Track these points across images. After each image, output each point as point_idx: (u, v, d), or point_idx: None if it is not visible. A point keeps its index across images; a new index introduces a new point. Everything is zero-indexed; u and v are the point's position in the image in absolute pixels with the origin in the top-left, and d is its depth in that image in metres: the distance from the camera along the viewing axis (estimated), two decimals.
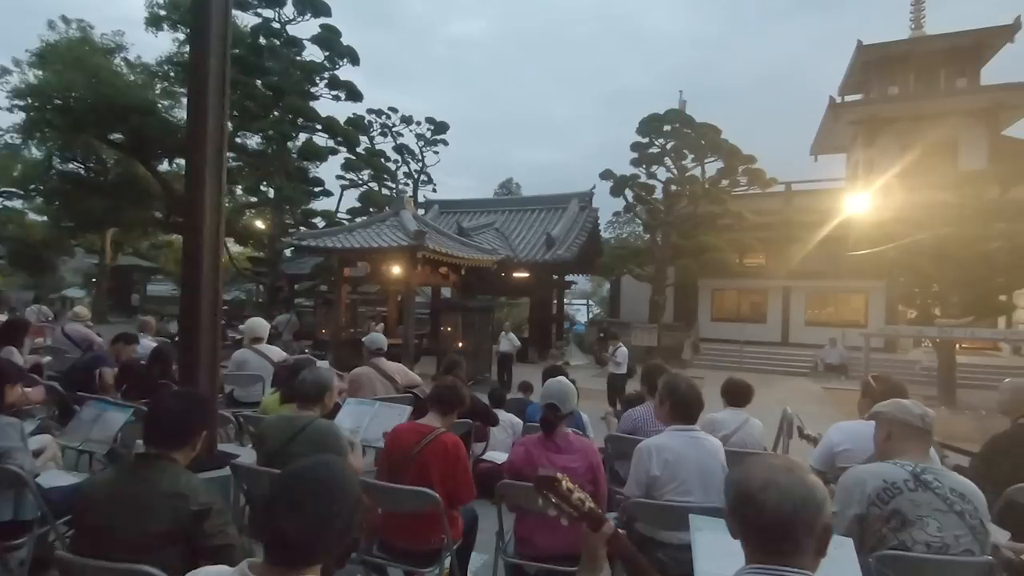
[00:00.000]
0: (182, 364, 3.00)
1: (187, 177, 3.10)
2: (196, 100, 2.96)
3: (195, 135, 2.97)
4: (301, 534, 1.05)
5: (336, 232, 13.49)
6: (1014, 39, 19.00)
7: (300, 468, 1.15)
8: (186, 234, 3.10)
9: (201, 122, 2.96)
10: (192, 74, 3.01)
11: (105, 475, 1.79)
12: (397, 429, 2.61)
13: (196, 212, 2.98)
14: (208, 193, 2.99)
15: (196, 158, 2.99)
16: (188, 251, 3.05)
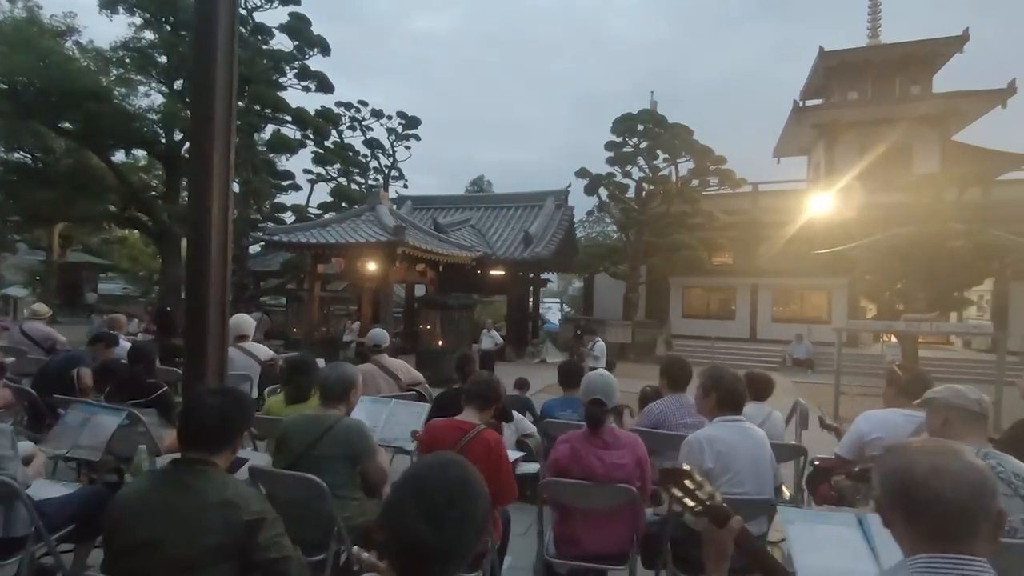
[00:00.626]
0: (190, 361, 2.77)
1: (193, 170, 2.88)
2: (203, 89, 2.76)
3: (202, 128, 2.76)
4: (443, 542, 0.93)
5: (309, 227, 13.07)
6: (963, 49, 20.08)
7: (430, 470, 1.02)
8: (193, 228, 2.88)
9: (209, 114, 2.76)
10: (198, 64, 2.80)
11: (139, 485, 1.59)
12: (435, 426, 2.47)
13: (204, 205, 2.77)
14: (216, 185, 2.79)
15: (204, 150, 2.77)
16: (195, 245, 2.83)
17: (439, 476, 1.00)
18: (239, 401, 1.72)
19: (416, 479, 1.00)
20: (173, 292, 17.67)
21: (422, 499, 0.96)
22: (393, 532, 0.98)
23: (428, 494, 0.97)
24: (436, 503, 0.96)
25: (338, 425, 2.51)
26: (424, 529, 0.94)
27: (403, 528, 0.95)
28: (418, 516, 0.95)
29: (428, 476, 1.00)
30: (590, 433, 2.45)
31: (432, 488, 0.98)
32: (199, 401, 1.67)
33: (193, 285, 2.84)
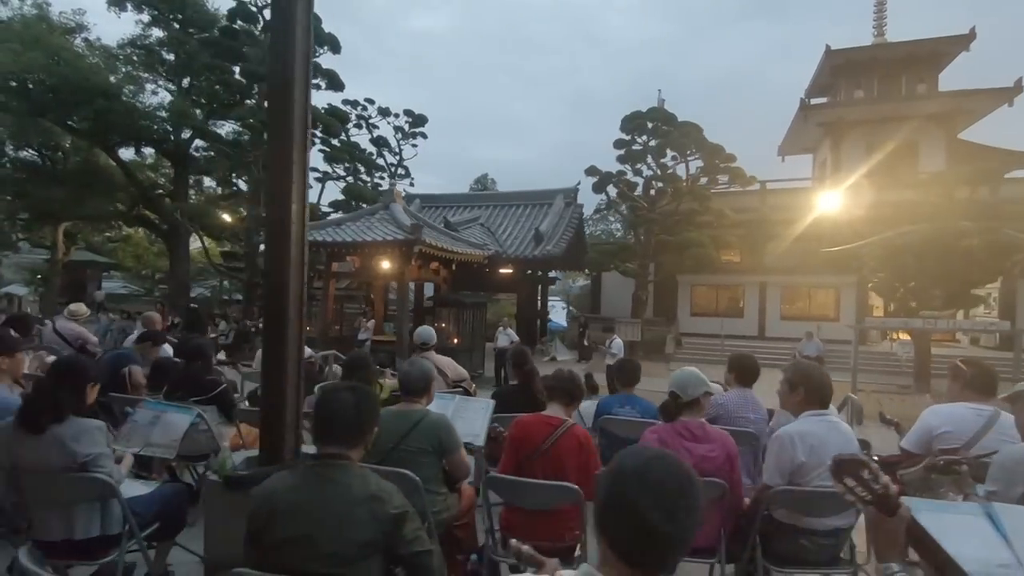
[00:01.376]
0: (270, 358, 2.77)
1: (271, 169, 2.89)
2: (281, 88, 2.75)
3: (281, 125, 2.75)
4: (676, 531, 0.95)
5: (324, 225, 13.04)
6: (969, 48, 20.15)
7: (655, 462, 1.02)
8: (271, 227, 2.88)
9: (288, 112, 2.75)
10: (274, 61, 2.80)
11: (282, 481, 1.59)
12: (524, 421, 2.48)
13: (282, 204, 2.77)
14: (296, 184, 2.79)
15: (282, 148, 2.77)
16: (274, 243, 2.83)
17: (666, 468, 1.01)
18: (370, 396, 1.73)
19: (641, 471, 1.01)
20: (181, 290, 17.64)
21: (653, 491, 0.97)
22: (623, 523, 0.99)
23: (659, 485, 0.98)
24: (667, 493, 0.97)
25: (425, 420, 2.52)
26: (657, 518, 0.95)
27: (637, 519, 0.96)
28: (651, 507, 0.96)
29: (654, 468, 1.01)
30: (681, 426, 2.46)
31: (661, 479, 0.99)
32: (333, 397, 1.68)
33: (274, 283, 2.84)
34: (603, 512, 1.02)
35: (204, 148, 17.24)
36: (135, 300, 23.90)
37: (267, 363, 2.85)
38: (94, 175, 15.64)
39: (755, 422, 3.51)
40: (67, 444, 2.13)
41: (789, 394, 2.54)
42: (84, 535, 2.20)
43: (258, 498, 1.56)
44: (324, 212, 16.04)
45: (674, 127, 17.57)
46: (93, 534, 2.22)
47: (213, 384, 3.63)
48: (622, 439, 3.52)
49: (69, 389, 2.22)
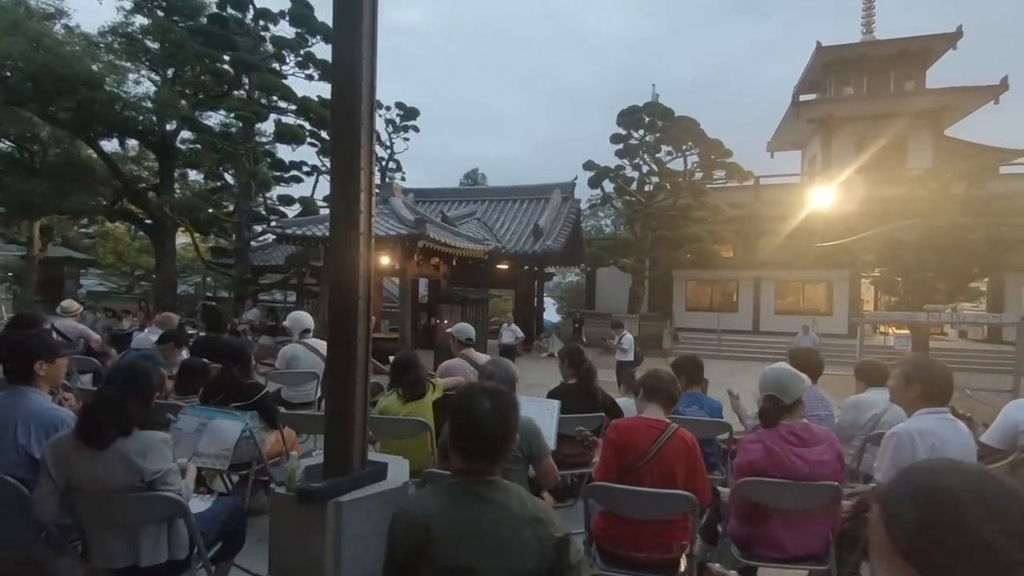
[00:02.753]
0: (336, 363, 2.55)
1: (336, 165, 2.69)
2: (346, 81, 2.55)
3: (346, 122, 2.55)
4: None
5: (322, 220, 12.68)
6: (956, 46, 20.49)
7: (989, 483, 0.85)
8: (336, 227, 2.70)
9: (355, 108, 2.55)
10: (340, 64, 2.60)
11: (431, 502, 1.39)
12: (625, 425, 2.31)
13: (349, 206, 2.58)
14: (363, 181, 2.61)
15: (349, 144, 2.57)
16: (341, 241, 2.65)
17: (1003, 489, 0.83)
18: (512, 403, 1.53)
19: (979, 493, 0.83)
20: (168, 287, 17.07)
21: (1000, 517, 0.81)
22: (965, 555, 0.82)
23: (1004, 511, 0.81)
24: (1014, 519, 0.81)
25: (524, 424, 2.33)
26: (1009, 546, 0.79)
27: (985, 552, 0.79)
28: (1000, 534, 0.79)
29: (992, 489, 0.83)
30: (786, 431, 2.31)
31: (1005, 503, 0.82)
32: (474, 405, 1.47)
33: (341, 285, 2.64)
34: (923, 540, 0.84)
35: (191, 140, 16.66)
36: (116, 298, 23.12)
37: (334, 368, 2.64)
38: (75, 168, 14.98)
39: (826, 419, 3.40)
40: (133, 460, 1.90)
41: (904, 389, 2.40)
42: (151, 561, 1.97)
43: (405, 521, 1.36)
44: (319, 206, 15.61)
45: (672, 122, 17.55)
46: (161, 559, 1.99)
47: (254, 388, 3.38)
48: None
49: (136, 398, 1.98)
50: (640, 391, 2.49)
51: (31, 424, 2.12)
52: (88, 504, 1.94)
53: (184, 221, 13.92)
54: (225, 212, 16.14)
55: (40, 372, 2.24)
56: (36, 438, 2.11)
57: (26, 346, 2.24)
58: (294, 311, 5.36)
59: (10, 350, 2.23)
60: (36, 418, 2.14)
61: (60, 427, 2.14)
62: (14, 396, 2.19)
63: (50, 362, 2.27)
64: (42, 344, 2.28)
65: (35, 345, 2.26)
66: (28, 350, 2.23)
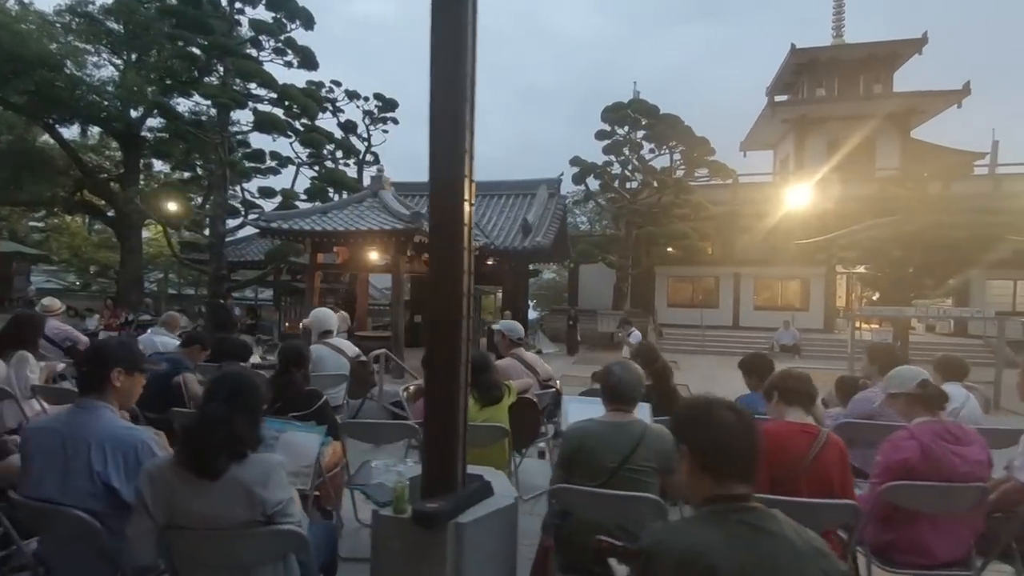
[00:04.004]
0: (438, 369, 2.30)
1: (434, 161, 2.47)
2: (445, 67, 2.33)
3: (447, 108, 2.33)
4: None
5: (308, 213, 12.15)
6: (922, 51, 21.34)
7: None
8: (437, 223, 2.47)
9: (458, 92, 2.34)
10: (441, 56, 2.38)
11: (706, 536, 1.16)
12: (775, 431, 2.13)
13: (452, 202, 2.38)
14: (468, 172, 2.40)
15: (450, 139, 2.35)
16: (443, 237, 2.43)
17: None
18: (753, 415, 1.32)
19: None
20: (134, 284, 16.10)
21: None
22: None
23: None
24: None
25: (648, 433, 2.14)
26: None
27: None
28: None
29: None
30: (942, 428, 2.18)
31: None
32: (719, 420, 1.26)
33: (443, 284, 2.40)
34: None
35: (158, 129, 15.70)
36: (70, 295, 21.68)
37: (435, 375, 2.39)
38: (30, 156, 13.88)
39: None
40: (254, 491, 1.60)
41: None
42: None
43: (673, 558, 1.14)
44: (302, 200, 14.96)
45: (657, 119, 17.62)
46: None
47: (314, 395, 3.07)
48: None
49: (244, 416, 1.67)
50: (775, 395, 2.32)
51: (107, 446, 1.79)
52: (191, 544, 1.63)
53: (155, 214, 13.08)
54: (195, 205, 15.31)
55: (116, 383, 1.90)
56: (114, 463, 1.78)
57: (105, 350, 1.89)
58: (316, 309, 4.99)
59: (92, 354, 1.88)
60: (112, 439, 1.80)
61: (141, 450, 1.82)
62: (83, 412, 1.85)
63: (128, 373, 1.93)
64: (125, 351, 1.94)
65: (116, 351, 1.91)
66: (107, 354, 1.88)
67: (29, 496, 1.76)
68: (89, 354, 1.90)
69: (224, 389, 1.69)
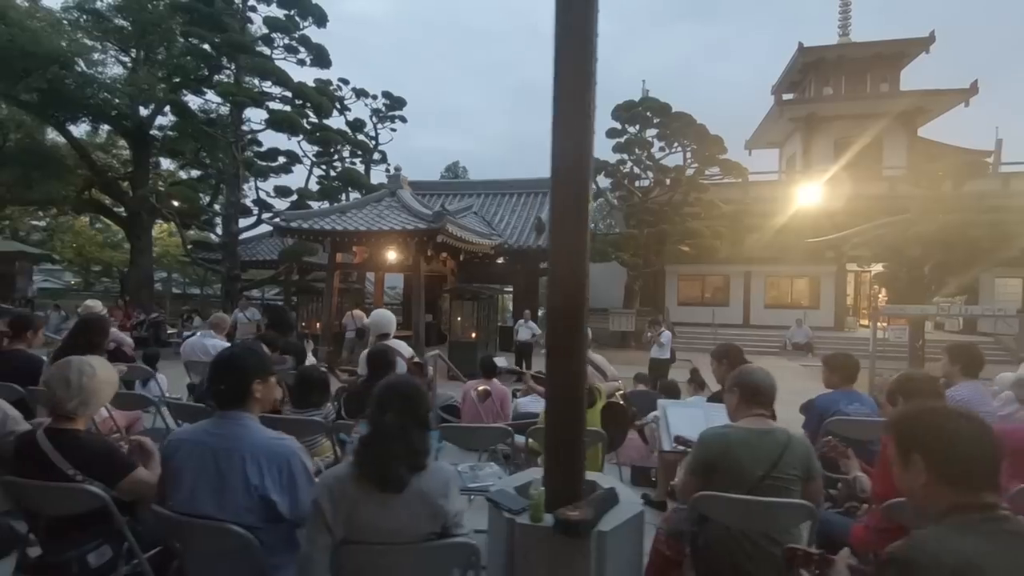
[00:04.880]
0: (560, 368, 2.28)
1: (557, 154, 2.42)
2: (575, 75, 2.30)
3: (573, 101, 2.30)
4: None
5: (327, 213, 12.08)
6: (929, 50, 21.41)
7: None
8: (557, 216, 2.42)
9: (584, 85, 2.31)
10: (565, 49, 2.34)
11: (963, 544, 1.12)
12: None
13: (576, 194, 2.34)
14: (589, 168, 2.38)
15: (577, 135, 2.31)
16: (563, 235, 2.39)
17: None
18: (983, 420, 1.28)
19: None
20: (145, 283, 15.96)
21: None
22: None
23: None
24: None
25: (793, 440, 2.10)
26: None
27: None
28: None
29: None
30: None
31: None
32: (960, 426, 1.22)
33: (564, 280, 2.35)
34: None
35: (169, 127, 15.54)
36: (73, 296, 21.49)
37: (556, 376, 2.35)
38: (41, 154, 13.70)
39: (991, 415, 3.32)
40: (437, 502, 1.56)
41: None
42: None
43: (960, 572, 1.09)
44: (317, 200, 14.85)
45: (670, 117, 17.58)
46: None
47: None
48: (854, 441, 3.23)
49: (419, 426, 1.63)
50: (899, 400, 2.30)
51: (261, 459, 1.73)
52: (367, 559, 1.58)
53: (170, 212, 12.95)
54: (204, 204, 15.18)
55: (256, 395, 1.85)
56: (270, 476, 1.72)
57: (241, 364, 1.84)
58: (377, 310, 4.94)
59: (226, 369, 1.83)
60: (266, 451, 1.75)
61: (293, 462, 1.76)
62: (230, 424, 1.79)
63: (264, 381, 1.88)
64: (257, 360, 1.89)
65: (250, 363, 1.86)
66: (243, 368, 1.83)
67: (184, 511, 1.71)
68: (223, 370, 1.84)
69: (396, 400, 1.64)
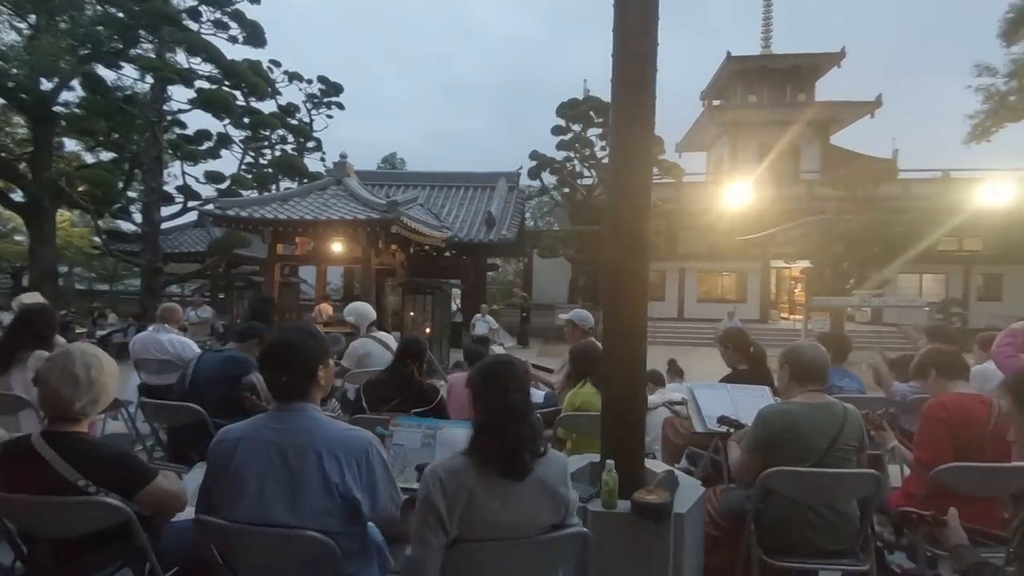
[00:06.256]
0: (618, 345, 2.23)
1: (615, 145, 2.37)
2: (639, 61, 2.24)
3: (634, 88, 2.25)
4: None
5: (267, 201, 11.31)
6: (841, 64, 23.37)
7: None
8: (616, 206, 2.37)
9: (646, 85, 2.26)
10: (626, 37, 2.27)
11: None
12: (953, 402, 2.23)
13: (636, 185, 2.30)
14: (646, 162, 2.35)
15: (635, 127, 2.27)
16: (628, 215, 2.34)
17: None
18: None
19: None
20: (49, 277, 14.23)
21: None
22: None
23: None
24: None
25: (850, 413, 2.16)
26: None
27: None
28: None
29: None
30: None
31: None
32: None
33: (620, 267, 2.31)
34: None
35: (76, 103, 13.89)
36: None
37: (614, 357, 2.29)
38: None
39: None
40: (558, 490, 1.44)
41: None
42: None
43: None
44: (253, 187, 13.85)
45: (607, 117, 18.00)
46: None
47: (434, 391, 2.83)
48: None
49: (529, 406, 1.49)
50: (932, 371, 2.42)
51: (339, 454, 1.52)
52: (483, 559, 1.42)
53: (83, 199, 11.60)
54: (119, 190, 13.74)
55: (321, 381, 1.63)
56: (351, 472, 1.51)
57: (306, 347, 1.60)
58: (354, 303, 4.63)
59: (290, 356, 1.58)
60: (342, 444, 1.54)
61: (371, 453, 1.56)
62: (296, 417, 1.56)
63: (327, 365, 1.66)
64: (318, 343, 1.65)
65: (312, 345, 1.62)
66: (310, 351, 1.60)
67: (251, 520, 1.46)
68: (285, 358, 1.58)
69: (513, 380, 1.48)
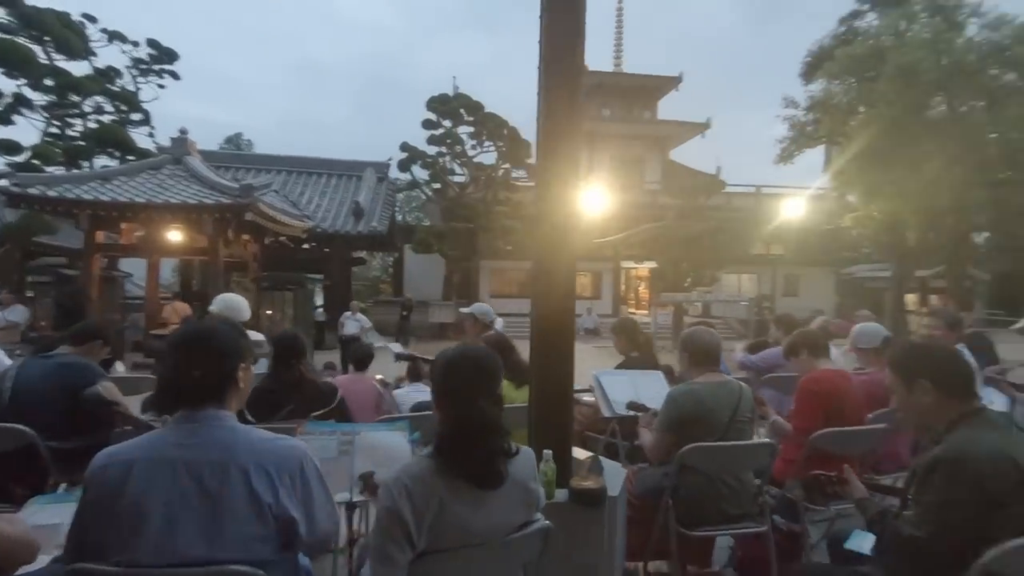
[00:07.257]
0: (544, 340, 2.25)
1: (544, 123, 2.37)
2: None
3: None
4: None
5: (84, 179, 9.49)
6: (678, 88, 26.33)
7: None
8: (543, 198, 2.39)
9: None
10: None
11: (980, 438, 1.37)
12: (824, 377, 2.62)
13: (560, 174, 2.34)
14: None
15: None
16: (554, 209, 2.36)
17: None
18: None
19: None
20: None
21: None
22: None
23: None
24: None
25: (744, 388, 2.40)
26: None
27: None
28: None
29: None
30: None
31: None
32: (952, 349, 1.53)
33: (554, 259, 2.33)
34: None
35: None
36: None
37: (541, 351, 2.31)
38: None
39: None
40: (530, 486, 1.35)
41: None
42: None
43: (998, 460, 1.34)
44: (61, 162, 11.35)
45: (483, 116, 18.20)
46: None
47: (332, 390, 2.54)
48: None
49: (500, 401, 1.38)
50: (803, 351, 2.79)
51: (269, 467, 1.26)
52: (452, 569, 1.28)
53: None
54: None
55: (241, 383, 1.35)
56: (285, 488, 1.27)
57: (225, 342, 1.31)
58: (224, 295, 3.98)
59: (203, 348, 1.27)
60: (272, 456, 1.28)
61: (306, 464, 1.33)
62: (209, 426, 1.26)
63: (248, 365, 1.38)
64: (240, 336, 1.36)
65: (234, 337, 1.33)
66: (229, 347, 1.31)
67: (155, 562, 1.15)
68: (197, 350, 1.28)
69: (484, 381, 1.34)
